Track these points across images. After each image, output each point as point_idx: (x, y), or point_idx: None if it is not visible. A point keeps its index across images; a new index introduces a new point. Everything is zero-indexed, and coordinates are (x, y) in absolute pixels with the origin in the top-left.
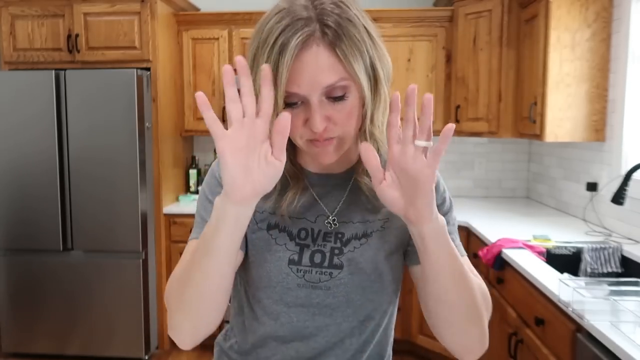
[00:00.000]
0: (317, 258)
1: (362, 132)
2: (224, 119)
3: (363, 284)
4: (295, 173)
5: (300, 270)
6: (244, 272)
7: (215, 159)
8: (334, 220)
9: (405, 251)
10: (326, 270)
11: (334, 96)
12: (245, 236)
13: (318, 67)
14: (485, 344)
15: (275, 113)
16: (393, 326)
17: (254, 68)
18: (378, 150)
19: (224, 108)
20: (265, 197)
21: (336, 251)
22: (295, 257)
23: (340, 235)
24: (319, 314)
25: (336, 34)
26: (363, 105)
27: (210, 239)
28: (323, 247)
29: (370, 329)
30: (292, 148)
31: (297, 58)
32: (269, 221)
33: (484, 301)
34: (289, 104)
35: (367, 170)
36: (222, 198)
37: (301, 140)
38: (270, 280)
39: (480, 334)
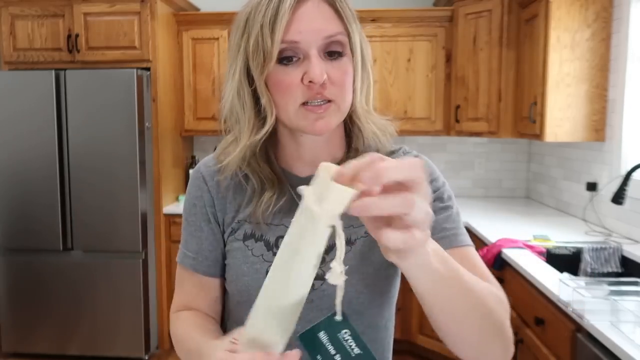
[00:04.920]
0: None
1: (353, 110)
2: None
3: (348, 296)
4: (272, 175)
5: None
6: (226, 287)
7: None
8: None
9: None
10: None
11: (332, 51)
12: (225, 246)
13: (320, 16)
14: (510, 352)
15: (268, 66)
16: (391, 340)
17: (246, 29)
18: (362, 141)
19: None
20: (241, 206)
21: None
22: None
23: None
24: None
25: None
26: (354, 76)
27: None
28: None
29: None
30: (274, 148)
31: (298, 7)
32: (244, 230)
33: (500, 306)
34: (285, 58)
35: None
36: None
37: (294, 107)
38: (249, 295)
39: (503, 347)
